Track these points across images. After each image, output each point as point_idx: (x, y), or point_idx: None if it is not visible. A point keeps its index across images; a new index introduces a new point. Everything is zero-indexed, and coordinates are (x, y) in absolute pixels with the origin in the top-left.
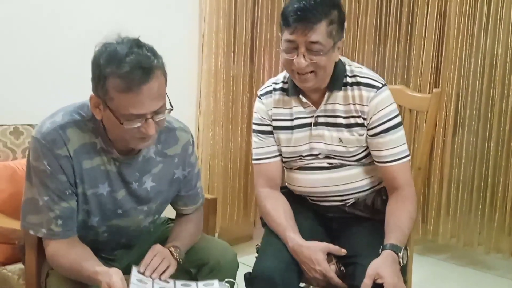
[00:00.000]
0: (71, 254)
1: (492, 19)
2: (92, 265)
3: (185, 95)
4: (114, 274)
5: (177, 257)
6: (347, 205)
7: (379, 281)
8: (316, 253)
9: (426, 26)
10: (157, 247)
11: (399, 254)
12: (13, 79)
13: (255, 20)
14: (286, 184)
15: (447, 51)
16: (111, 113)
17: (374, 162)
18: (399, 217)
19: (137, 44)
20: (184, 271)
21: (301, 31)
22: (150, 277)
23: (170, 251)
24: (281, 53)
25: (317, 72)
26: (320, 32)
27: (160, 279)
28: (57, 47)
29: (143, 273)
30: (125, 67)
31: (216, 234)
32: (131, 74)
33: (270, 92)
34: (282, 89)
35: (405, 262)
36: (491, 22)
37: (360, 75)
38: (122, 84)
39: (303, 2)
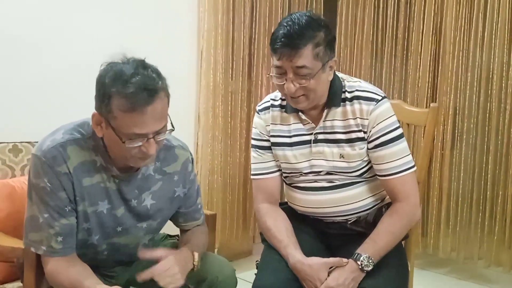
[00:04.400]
0: (71, 271)
1: (488, 33)
2: (93, 284)
3: (184, 111)
4: None
5: (194, 262)
6: (349, 222)
7: None
8: (318, 272)
9: (422, 42)
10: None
11: (358, 261)
12: (12, 97)
13: (253, 36)
14: (287, 201)
15: (444, 66)
16: (113, 131)
17: (376, 175)
18: (377, 229)
19: (142, 65)
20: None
21: (287, 57)
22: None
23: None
24: (271, 79)
25: (308, 95)
26: (305, 56)
27: None
28: (55, 66)
29: None
30: (131, 88)
31: (216, 250)
32: (136, 95)
33: (268, 108)
34: (280, 106)
35: (368, 268)
36: (486, 37)
37: (359, 89)
38: (126, 104)
39: (287, 27)
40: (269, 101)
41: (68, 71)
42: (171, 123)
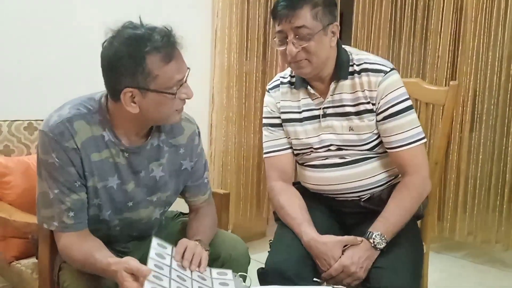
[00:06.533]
0: (84, 246)
1: (510, 12)
2: (105, 256)
3: (197, 91)
4: (131, 260)
5: (204, 248)
6: (363, 200)
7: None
8: (332, 249)
9: (442, 20)
10: (184, 241)
11: (370, 240)
12: (27, 75)
13: (268, 16)
14: (300, 181)
15: (464, 45)
16: (157, 93)
17: (386, 149)
18: (387, 206)
19: (143, 23)
20: None
21: (285, 19)
22: (189, 268)
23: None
24: (275, 47)
25: (310, 59)
26: (303, 16)
27: (197, 270)
28: (70, 43)
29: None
30: (159, 40)
31: (229, 231)
32: (167, 43)
33: (277, 86)
34: (289, 83)
35: (381, 246)
36: (508, 15)
37: (367, 61)
38: (165, 56)
39: None
40: (278, 79)
41: (82, 48)
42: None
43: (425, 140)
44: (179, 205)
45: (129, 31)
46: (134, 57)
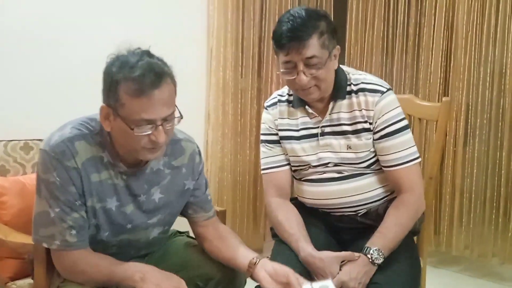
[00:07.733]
0: (93, 258)
1: (500, 28)
2: (121, 263)
3: (193, 109)
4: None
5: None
6: (359, 215)
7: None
8: (330, 265)
9: (433, 37)
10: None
11: (368, 255)
12: (23, 95)
13: (262, 34)
14: (297, 196)
15: (456, 61)
16: (122, 120)
17: (382, 167)
18: (384, 222)
19: (147, 53)
20: (192, 285)
21: (295, 50)
22: None
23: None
24: (281, 76)
25: (319, 85)
26: (313, 46)
27: None
28: (67, 63)
29: None
30: (137, 71)
31: None
32: (143, 77)
33: (275, 103)
34: (288, 101)
35: (379, 261)
36: (499, 32)
37: (365, 81)
38: (134, 87)
39: (290, 22)
40: (276, 97)
41: (79, 69)
42: (179, 111)
43: (419, 159)
44: (176, 224)
45: (124, 55)
46: (111, 77)
